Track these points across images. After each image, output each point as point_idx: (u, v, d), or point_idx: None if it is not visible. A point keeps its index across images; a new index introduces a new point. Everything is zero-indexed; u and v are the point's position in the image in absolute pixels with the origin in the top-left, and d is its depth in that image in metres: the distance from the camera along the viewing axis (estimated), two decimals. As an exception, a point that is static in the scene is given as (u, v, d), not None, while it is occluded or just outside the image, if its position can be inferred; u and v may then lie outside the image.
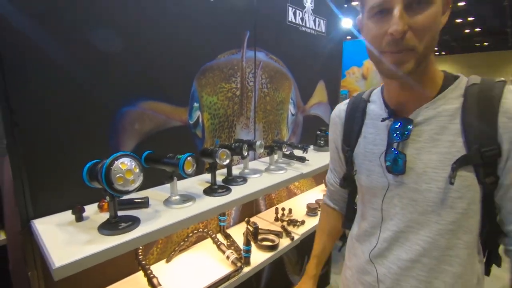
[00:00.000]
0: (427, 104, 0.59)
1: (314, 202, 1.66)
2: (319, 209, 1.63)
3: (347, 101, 0.79)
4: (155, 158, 0.96)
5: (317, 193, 1.90)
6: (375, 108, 0.69)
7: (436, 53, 17.53)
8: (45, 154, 0.83)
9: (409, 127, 0.60)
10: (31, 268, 0.84)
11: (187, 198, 0.96)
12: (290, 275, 1.91)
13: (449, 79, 0.60)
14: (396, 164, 0.62)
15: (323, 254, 0.90)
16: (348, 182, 0.78)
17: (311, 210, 1.59)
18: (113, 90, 0.94)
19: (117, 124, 0.97)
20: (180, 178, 1.13)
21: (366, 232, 0.72)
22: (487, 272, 0.66)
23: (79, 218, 0.82)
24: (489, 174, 0.55)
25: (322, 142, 1.70)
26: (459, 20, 10.16)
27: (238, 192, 1.05)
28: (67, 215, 0.84)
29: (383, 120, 0.65)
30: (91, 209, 0.88)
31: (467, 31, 11.34)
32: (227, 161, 1.03)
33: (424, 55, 0.53)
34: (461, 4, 8.37)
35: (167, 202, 0.94)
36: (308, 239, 1.93)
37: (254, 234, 1.07)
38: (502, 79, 0.57)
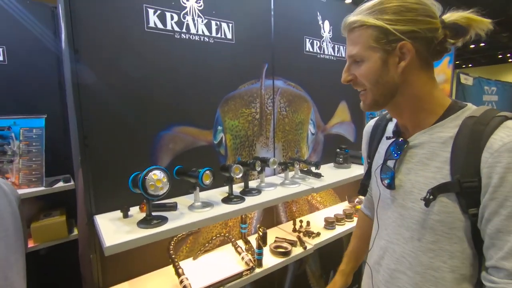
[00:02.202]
0: (425, 129, 0.66)
1: (332, 216, 1.75)
2: (337, 222, 1.72)
3: (376, 118, 0.88)
4: (183, 171, 1.21)
5: (339, 209, 1.97)
6: (391, 127, 0.77)
7: (510, 60, 15.71)
8: (105, 168, 1.14)
9: (403, 147, 0.68)
10: (92, 251, 1.13)
11: (207, 204, 1.19)
12: (314, 288, 1.99)
13: (454, 109, 0.64)
14: (391, 180, 0.70)
15: (353, 254, 1.00)
16: (364, 190, 0.89)
17: (329, 224, 1.68)
18: (153, 119, 1.23)
19: (156, 145, 1.25)
20: (205, 189, 1.36)
21: (371, 238, 0.81)
22: None
23: (125, 215, 1.09)
24: (472, 205, 0.58)
25: (341, 159, 1.80)
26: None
27: (250, 201, 1.24)
28: (117, 213, 1.12)
29: (388, 138, 0.74)
30: (134, 210, 1.15)
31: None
32: (240, 175, 1.24)
33: (376, 93, 0.66)
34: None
35: (191, 207, 1.17)
36: (332, 254, 1.99)
37: (262, 238, 1.24)
38: (506, 113, 0.58)
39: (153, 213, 1.06)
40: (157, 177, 0.98)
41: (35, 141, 1.71)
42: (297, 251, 1.45)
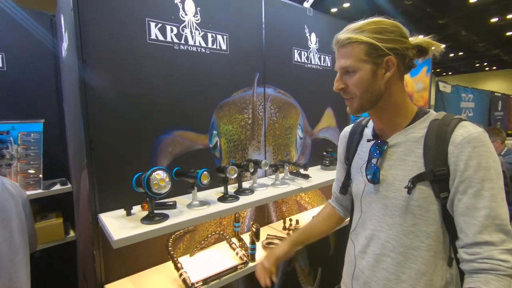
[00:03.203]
0: (400, 131, 0.79)
1: (320, 215, 1.87)
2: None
3: (351, 125, 1.00)
4: (182, 172, 1.30)
5: (327, 208, 2.10)
6: (368, 132, 0.90)
7: (486, 69, 16.59)
8: (109, 169, 1.21)
9: (384, 147, 0.80)
10: (95, 248, 1.20)
11: (204, 203, 1.28)
12: (303, 285, 2.09)
13: (420, 114, 0.78)
14: (375, 176, 0.81)
15: (308, 230, 1.07)
16: (345, 189, 0.97)
17: (316, 222, 1.80)
18: (154, 124, 1.32)
19: (156, 148, 1.34)
20: (202, 189, 1.46)
21: (354, 231, 0.91)
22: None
23: (129, 213, 1.17)
24: (443, 190, 0.71)
25: (327, 162, 1.93)
26: (510, 33, 9.71)
27: (244, 200, 1.34)
28: (121, 211, 1.20)
29: (369, 141, 0.86)
30: (136, 208, 1.24)
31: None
32: (235, 175, 1.34)
33: (364, 99, 0.77)
34: (511, 16, 8.08)
35: (189, 205, 1.26)
36: (320, 252, 2.11)
37: (256, 234, 1.34)
38: (460, 116, 0.73)
39: (155, 211, 1.15)
40: (160, 177, 1.07)
41: (33, 145, 1.76)
42: (287, 246, 1.56)
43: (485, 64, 15.66)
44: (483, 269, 0.65)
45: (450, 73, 18.08)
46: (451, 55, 13.42)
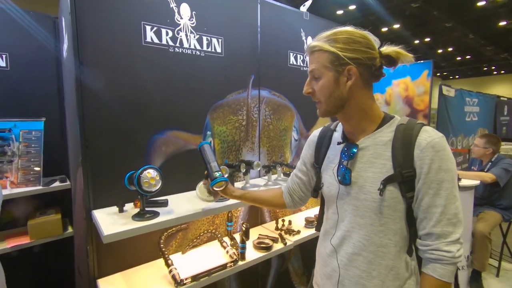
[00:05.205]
0: (369, 135, 0.82)
1: (312, 216, 1.89)
2: (316, 222, 1.86)
3: (320, 128, 1.02)
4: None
5: (321, 210, 2.11)
6: (337, 136, 0.92)
7: (495, 73, 16.39)
8: (103, 167, 1.26)
9: (354, 150, 0.82)
10: (89, 244, 1.24)
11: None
12: (297, 286, 2.11)
13: (387, 119, 0.83)
14: (344, 178, 0.83)
15: (251, 195, 1.18)
16: (317, 193, 1.01)
17: (308, 223, 1.82)
18: (148, 124, 1.36)
19: (150, 147, 1.38)
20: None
21: (327, 232, 0.93)
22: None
23: (121, 210, 1.21)
24: (409, 190, 0.76)
25: (321, 163, 1.95)
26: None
27: (234, 200, 1.37)
28: (114, 208, 1.24)
29: (339, 143, 0.89)
30: (128, 206, 1.27)
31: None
32: (226, 175, 1.36)
33: (329, 105, 0.82)
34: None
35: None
36: (314, 253, 2.12)
37: (245, 233, 1.37)
38: (421, 121, 0.79)
39: (146, 209, 1.18)
40: (150, 175, 1.11)
41: (34, 143, 1.81)
42: (278, 246, 1.58)
43: (493, 68, 15.49)
44: (432, 258, 0.76)
45: (457, 76, 17.90)
46: (458, 58, 13.30)
